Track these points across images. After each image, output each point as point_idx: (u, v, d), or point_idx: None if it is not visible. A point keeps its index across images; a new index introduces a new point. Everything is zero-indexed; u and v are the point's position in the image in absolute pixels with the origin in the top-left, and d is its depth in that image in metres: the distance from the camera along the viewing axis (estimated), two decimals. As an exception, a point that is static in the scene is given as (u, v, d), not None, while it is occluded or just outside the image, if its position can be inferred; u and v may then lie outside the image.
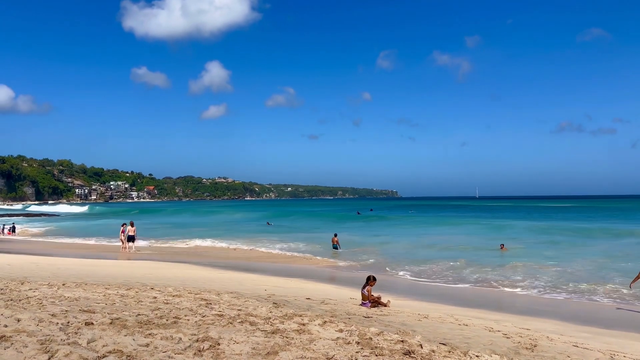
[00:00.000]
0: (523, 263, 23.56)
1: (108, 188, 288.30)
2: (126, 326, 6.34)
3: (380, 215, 77.65)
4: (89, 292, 9.96)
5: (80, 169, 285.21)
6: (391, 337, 6.89)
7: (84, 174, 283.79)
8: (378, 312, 10.70)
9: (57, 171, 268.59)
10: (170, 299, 9.57)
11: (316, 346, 6.06)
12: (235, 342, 5.88)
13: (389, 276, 20.70)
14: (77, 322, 6.39)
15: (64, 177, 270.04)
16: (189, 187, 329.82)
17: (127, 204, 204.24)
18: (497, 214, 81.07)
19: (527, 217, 69.26)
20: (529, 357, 7.06)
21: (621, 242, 33.73)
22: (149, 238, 37.33)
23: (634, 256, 25.44)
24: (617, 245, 32.16)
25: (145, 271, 17.45)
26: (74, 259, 22.69)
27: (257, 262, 25.46)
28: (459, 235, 40.54)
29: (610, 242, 33.85)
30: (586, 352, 7.92)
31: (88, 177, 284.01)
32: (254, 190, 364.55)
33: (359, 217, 72.47)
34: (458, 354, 6.37)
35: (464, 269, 22.69)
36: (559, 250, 29.59)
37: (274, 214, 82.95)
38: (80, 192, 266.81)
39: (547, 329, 10.44)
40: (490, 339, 8.35)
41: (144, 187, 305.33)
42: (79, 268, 17.34)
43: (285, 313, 8.55)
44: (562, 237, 37.35)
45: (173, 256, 26.87)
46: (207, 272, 19.03)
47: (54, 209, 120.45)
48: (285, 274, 19.94)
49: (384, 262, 24.99)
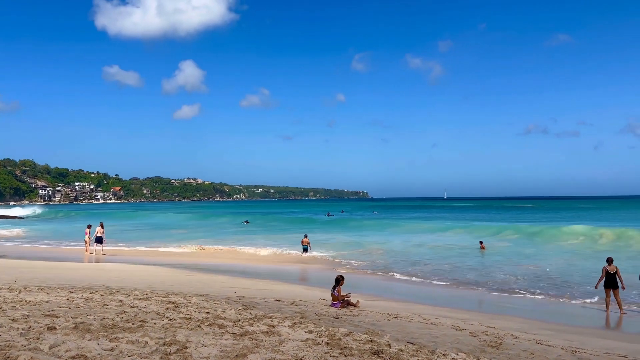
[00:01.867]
0: (492, 262, 24.10)
1: (73, 189, 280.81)
2: (90, 330, 6.20)
3: (351, 217, 77.80)
4: (52, 296, 9.68)
5: (43, 170, 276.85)
6: (360, 337, 6.94)
7: (47, 175, 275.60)
8: (348, 313, 10.76)
9: (19, 171, 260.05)
10: (136, 302, 9.39)
11: (285, 348, 6.05)
12: (203, 345, 5.82)
13: (360, 276, 20.81)
14: (39, 327, 6.21)
15: (27, 177, 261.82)
16: (157, 188, 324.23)
17: (92, 206, 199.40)
18: (463, 214, 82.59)
19: (494, 218, 70.68)
20: (494, 355, 7.21)
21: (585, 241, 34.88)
22: (117, 242, 36.48)
23: (594, 257, 26.26)
24: (582, 244, 33.26)
25: (112, 274, 17.09)
26: (36, 261, 22.02)
27: (227, 263, 25.22)
28: (429, 234, 41.14)
29: (577, 242, 34.95)
30: (549, 349, 8.13)
31: (52, 177, 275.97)
32: (225, 191, 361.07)
33: (329, 219, 72.61)
34: (425, 353, 6.46)
35: (436, 267, 23.03)
36: (532, 248, 30.41)
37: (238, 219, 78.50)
38: (43, 193, 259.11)
39: (512, 327, 10.69)
40: (457, 337, 8.49)
41: (110, 188, 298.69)
42: (41, 271, 16.84)
43: (255, 315, 8.50)
44: (523, 237, 38.36)
45: (140, 258, 26.37)
46: (175, 274, 18.75)
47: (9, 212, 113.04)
48: (255, 276, 19.82)
49: (354, 262, 25.14)
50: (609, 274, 14.65)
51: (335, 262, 25.86)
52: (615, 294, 14.46)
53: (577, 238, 36.76)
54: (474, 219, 65.90)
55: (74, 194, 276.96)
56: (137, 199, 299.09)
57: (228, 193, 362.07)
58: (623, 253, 27.22)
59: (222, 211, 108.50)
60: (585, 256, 26.84)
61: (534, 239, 37.04)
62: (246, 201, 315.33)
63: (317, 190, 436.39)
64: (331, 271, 21.70)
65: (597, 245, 32.52)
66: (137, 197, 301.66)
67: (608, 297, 14.58)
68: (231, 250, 32.31)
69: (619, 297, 14.49)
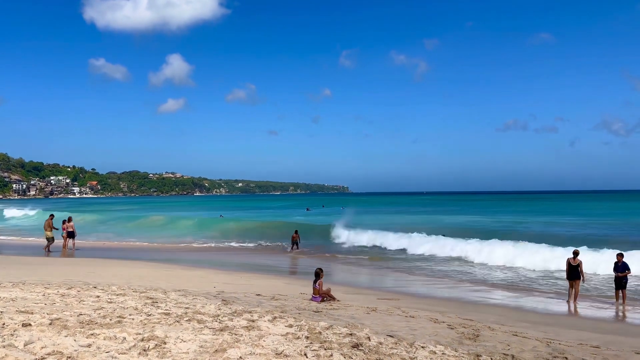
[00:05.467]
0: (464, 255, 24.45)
1: (48, 183, 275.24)
2: (67, 327, 6.10)
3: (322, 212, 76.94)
4: (27, 292, 9.50)
5: (17, 163, 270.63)
6: (340, 331, 6.97)
7: (22, 169, 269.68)
8: (328, 307, 10.80)
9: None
10: (114, 297, 9.27)
11: (265, 342, 6.05)
12: (182, 341, 5.78)
13: (341, 269, 20.90)
14: (14, 323, 6.09)
15: (0, 171, 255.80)
16: (135, 183, 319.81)
17: (67, 200, 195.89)
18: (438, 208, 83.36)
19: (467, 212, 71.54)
20: (471, 346, 7.32)
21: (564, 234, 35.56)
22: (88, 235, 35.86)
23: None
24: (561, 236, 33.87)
25: (89, 269, 16.83)
26: (10, 256, 21.57)
27: (207, 257, 25.06)
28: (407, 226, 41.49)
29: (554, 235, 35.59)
30: (525, 340, 8.29)
31: (26, 171, 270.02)
32: (204, 185, 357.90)
33: (308, 214, 72.54)
34: (404, 345, 6.53)
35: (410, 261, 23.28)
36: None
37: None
38: (17, 187, 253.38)
39: (489, 319, 10.86)
40: (436, 330, 8.60)
41: (86, 182, 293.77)
42: (16, 267, 16.50)
43: (235, 310, 8.47)
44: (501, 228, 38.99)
45: (118, 253, 26.03)
46: (153, 269, 18.56)
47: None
48: (235, 270, 19.75)
49: (336, 255, 25.25)
50: (572, 266, 15.13)
51: (313, 254, 25.91)
52: (576, 284, 14.99)
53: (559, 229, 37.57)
54: (435, 213, 66.71)
55: (49, 188, 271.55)
56: (114, 193, 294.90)
57: (208, 187, 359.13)
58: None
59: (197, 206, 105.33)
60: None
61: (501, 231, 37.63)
62: (225, 195, 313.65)
63: (298, 184, 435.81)
64: (312, 266, 21.75)
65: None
66: (114, 192, 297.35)
67: (571, 288, 15.15)
68: (211, 245, 32.13)
69: (578, 288, 15.09)
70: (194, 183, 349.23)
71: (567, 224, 44.00)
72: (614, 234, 33.91)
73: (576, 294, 15.01)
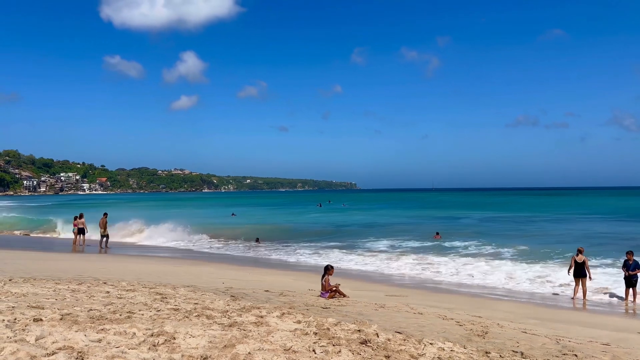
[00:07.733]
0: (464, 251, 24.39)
1: (58, 180, 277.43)
2: (77, 322, 6.15)
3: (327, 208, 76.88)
4: (38, 287, 9.59)
5: (28, 160, 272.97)
6: (348, 327, 6.98)
7: (32, 165, 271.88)
8: (336, 303, 10.81)
9: (3, 162, 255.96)
10: (124, 293, 9.34)
11: (274, 338, 6.07)
12: (192, 336, 5.81)
13: (348, 266, 20.90)
14: (25, 318, 6.15)
15: (11, 168, 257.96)
16: (144, 179, 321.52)
17: (77, 197, 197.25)
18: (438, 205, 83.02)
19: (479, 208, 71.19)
20: (480, 343, 7.30)
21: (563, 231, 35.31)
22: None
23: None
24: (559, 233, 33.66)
25: (98, 265, 16.97)
26: (21, 251, 21.78)
27: (216, 254, 25.18)
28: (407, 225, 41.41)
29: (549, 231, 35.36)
30: (534, 337, 8.25)
31: (37, 168, 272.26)
32: (212, 182, 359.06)
33: (320, 210, 72.77)
34: (413, 342, 6.52)
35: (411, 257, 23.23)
36: (497, 238, 30.71)
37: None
38: (28, 183, 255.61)
39: (497, 316, 10.82)
40: (444, 326, 8.59)
41: (95, 178, 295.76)
42: (27, 262, 16.66)
43: (243, 306, 8.50)
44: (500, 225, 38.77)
45: (127, 250, 26.21)
46: (162, 265, 18.68)
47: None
48: (244, 266, 19.82)
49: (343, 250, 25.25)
50: (577, 264, 15.07)
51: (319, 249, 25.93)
52: (583, 282, 14.94)
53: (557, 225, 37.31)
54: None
55: (59, 184, 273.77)
56: (124, 189, 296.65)
57: (216, 184, 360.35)
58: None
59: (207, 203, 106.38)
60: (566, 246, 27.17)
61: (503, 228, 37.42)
62: (234, 192, 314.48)
63: (306, 181, 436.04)
64: (320, 262, 21.77)
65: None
66: (124, 188, 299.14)
67: (577, 286, 15.16)
68: (219, 242, 32.24)
69: (585, 286, 15.09)
70: (202, 180, 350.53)
71: (574, 220, 43.52)
72: (624, 232, 33.63)
73: (584, 292, 14.97)
